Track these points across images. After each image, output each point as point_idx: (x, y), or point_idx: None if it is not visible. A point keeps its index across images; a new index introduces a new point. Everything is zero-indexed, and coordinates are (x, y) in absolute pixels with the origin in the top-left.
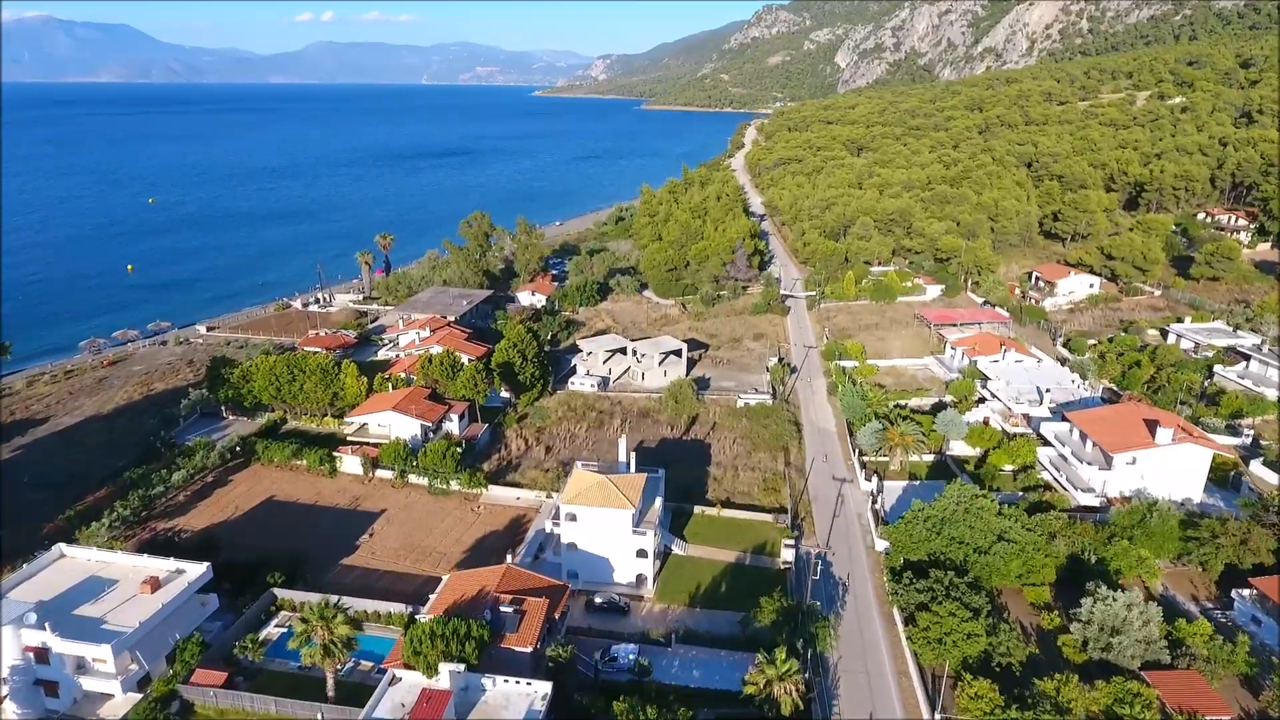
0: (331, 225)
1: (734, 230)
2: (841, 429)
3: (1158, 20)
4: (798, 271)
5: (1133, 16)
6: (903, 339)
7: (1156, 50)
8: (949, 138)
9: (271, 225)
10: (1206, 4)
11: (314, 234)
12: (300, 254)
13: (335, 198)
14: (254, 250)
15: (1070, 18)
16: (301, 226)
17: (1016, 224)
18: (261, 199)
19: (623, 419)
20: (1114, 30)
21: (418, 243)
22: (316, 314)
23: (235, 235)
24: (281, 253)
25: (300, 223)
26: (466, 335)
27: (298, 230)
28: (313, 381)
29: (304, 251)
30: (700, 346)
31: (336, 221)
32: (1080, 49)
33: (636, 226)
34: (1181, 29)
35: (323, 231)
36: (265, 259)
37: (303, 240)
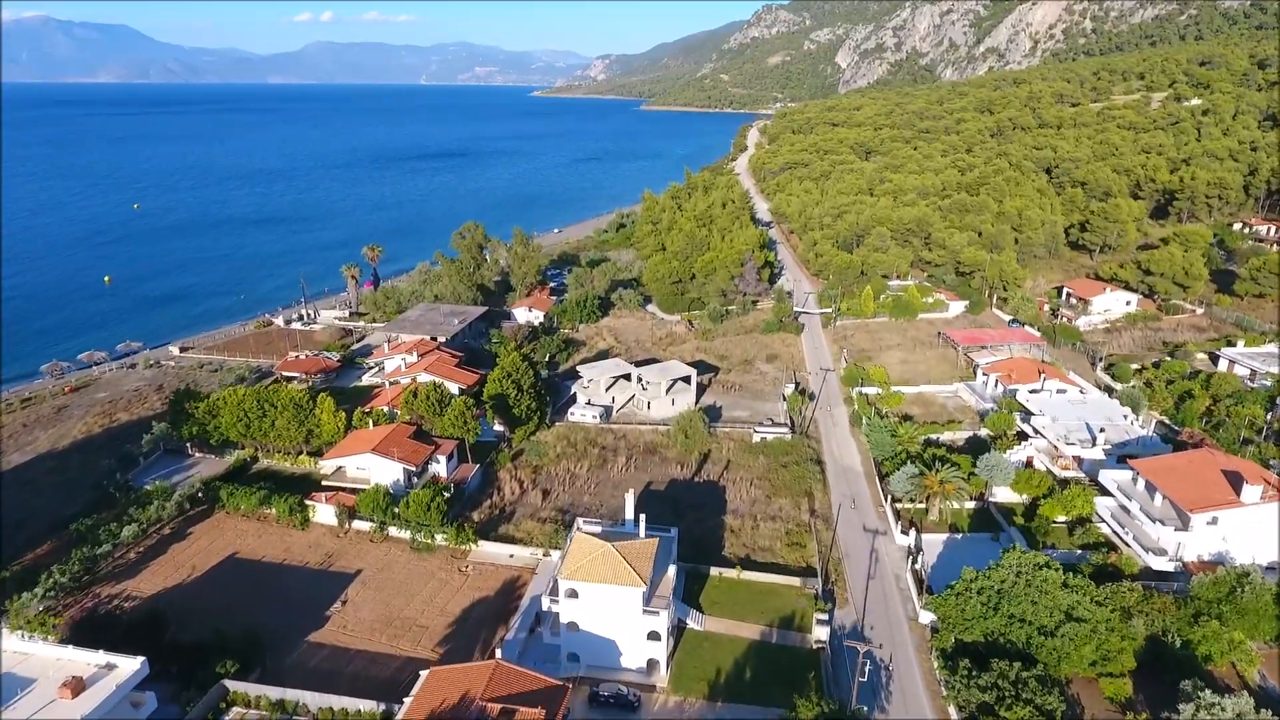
0: (323, 232)
1: (742, 241)
2: (869, 468)
3: (1163, 20)
4: (809, 284)
5: (1137, 16)
6: (928, 362)
7: (1167, 50)
8: (961, 141)
9: (262, 231)
10: (1212, 4)
11: (305, 241)
12: (289, 264)
13: (329, 202)
14: (242, 259)
15: (1074, 17)
16: (292, 233)
17: (1042, 235)
18: (254, 203)
19: (628, 456)
20: (1118, 30)
21: (413, 249)
22: (298, 332)
23: (223, 242)
24: (269, 262)
25: (291, 229)
26: (457, 360)
27: (288, 237)
28: (285, 418)
29: (293, 261)
30: (709, 370)
31: (328, 228)
32: (1084, 49)
33: (639, 235)
34: (1187, 29)
35: (314, 239)
36: (252, 269)
37: (292, 248)
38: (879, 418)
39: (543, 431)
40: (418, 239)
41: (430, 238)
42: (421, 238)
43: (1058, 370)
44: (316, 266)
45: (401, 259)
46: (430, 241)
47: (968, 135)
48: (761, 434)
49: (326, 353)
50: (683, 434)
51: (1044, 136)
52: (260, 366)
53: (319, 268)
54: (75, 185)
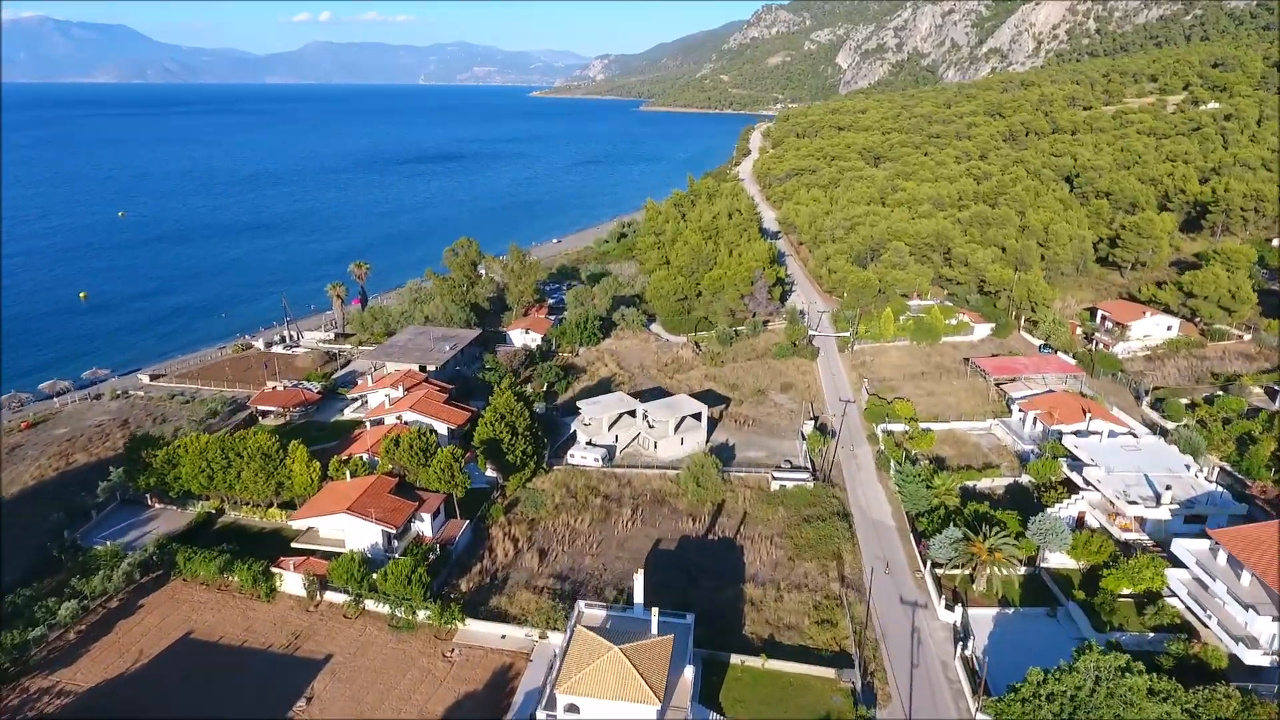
0: (313, 243)
1: (751, 256)
2: (901, 522)
3: (1167, 20)
4: (822, 301)
5: (1141, 17)
6: (956, 393)
7: (1177, 51)
8: (975, 147)
9: (251, 241)
10: (1218, 4)
11: (294, 254)
12: (276, 278)
13: (322, 210)
14: (227, 273)
15: (1077, 18)
16: (282, 244)
17: (1070, 252)
18: (245, 210)
19: (634, 507)
20: (1122, 31)
21: (405, 264)
22: (279, 358)
23: (210, 254)
24: (256, 276)
25: (282, 239)
26: (446, 395)
27: (277, 249)
28: (252, 469)
29: (281, 275)
30: (719, 400)
31: (319, 238)
32: (1088, 50)
33: (641, 246)
34: (1193, 29)
35: (303, 250)
36: (237, 284)
37: (281, 261)
38: (909, 463)
39: (540, 477)
40: (411, 250)
41: (424, 248)
42: (415, 248)
43: (1102, 408)
44: (303, 281)
45: (393, 272)
46: (424, 253)
47: (981, 141)
48: (780, 480)
49: (306, 383)
50: (694, 482)
51: (1062, 143)
52: (236, 397)
53: (305, 283)
54: (61, 191)
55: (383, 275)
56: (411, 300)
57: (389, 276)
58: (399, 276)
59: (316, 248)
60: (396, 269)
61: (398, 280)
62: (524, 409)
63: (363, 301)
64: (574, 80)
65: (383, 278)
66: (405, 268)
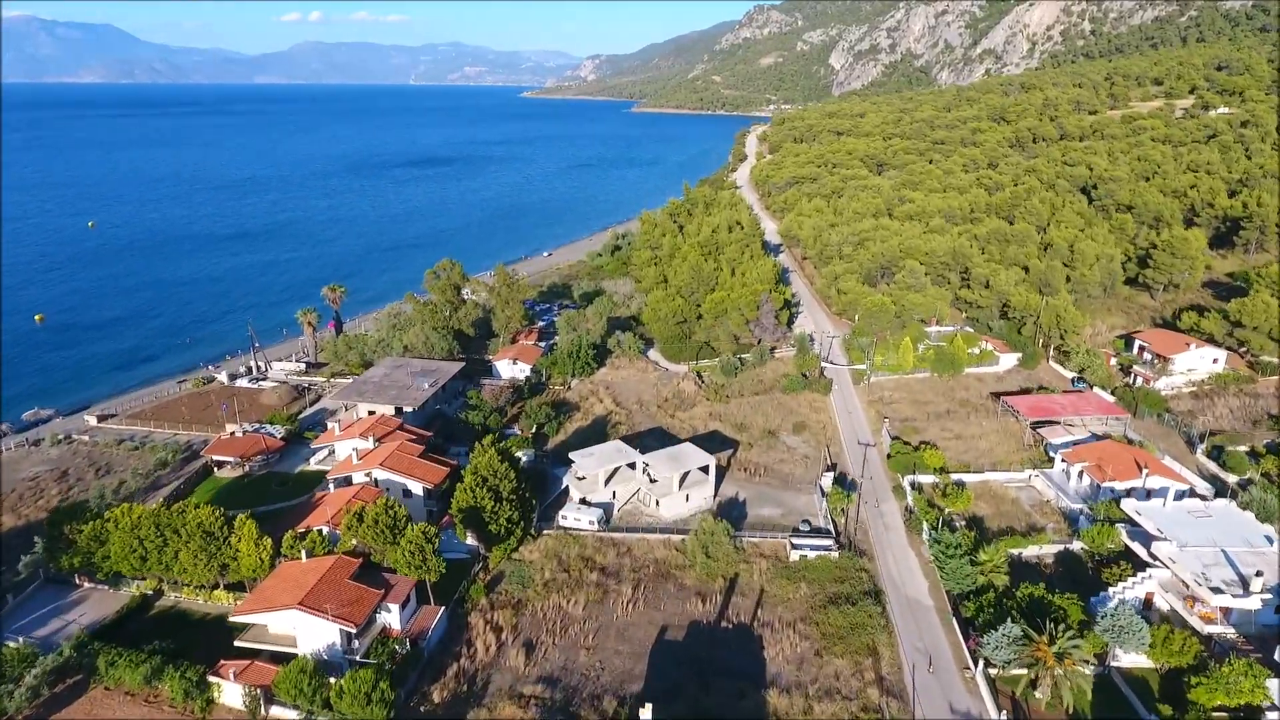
0: (293, 255)
1: (756, 276)
2: (940, 600)
3: (1163, 22)
4: (832, 325)
5: (1136, 18)
6: (986, 436)
7: (1179, 53)
8: (982, 155)
9: (227, 253)
10: (1213, 5)
11: (271, 267)
12: (250, 296)
13: (304, 218)
14: (198, 290)
15: (1071, 19)
16: (260, 258)
17: (1098, 272)
18: (223, 219)
19: (635, 582)
20: (1117, 32)
21: (388, 277)
22: (243, 393)
23: (181, 268)
24: (229, 294)
25: (261, 251)
26: (423, 447)
27: (254, 261)
28: (191, 549)
29: (255, 293)
30: (726, 445)
31: (300, 250)
32: (1083, 51)
33: (636, 262)
34: (1188, 30)
35: (282, 264)
36: (208, 302)
37: (257, 276)
38: (946, 529)
39: (528, 544)
40: (395, 264)
41: (409, 263)
42: (399, 262)
43: (1155, 459)
44: (278, 301)
45: (375, 291)
46: (408, 268)
47: (989, 148)
48: (800, 548)
49: (269, 427)
50: (703, 553)
51: (1074, 151)
52: (191, 442)
53: (280, 303)
54: (32, 198)
55: (363, 294)
56: (390, 326)
57: (370, 295)
58: (381, 294)
59: (295, 262)
60: (379, 287)
61: (381, 298)
62: (509, 470)
63: (337, 327)
64: (565, 80)
65: (363, 297)
66: (388, 286)
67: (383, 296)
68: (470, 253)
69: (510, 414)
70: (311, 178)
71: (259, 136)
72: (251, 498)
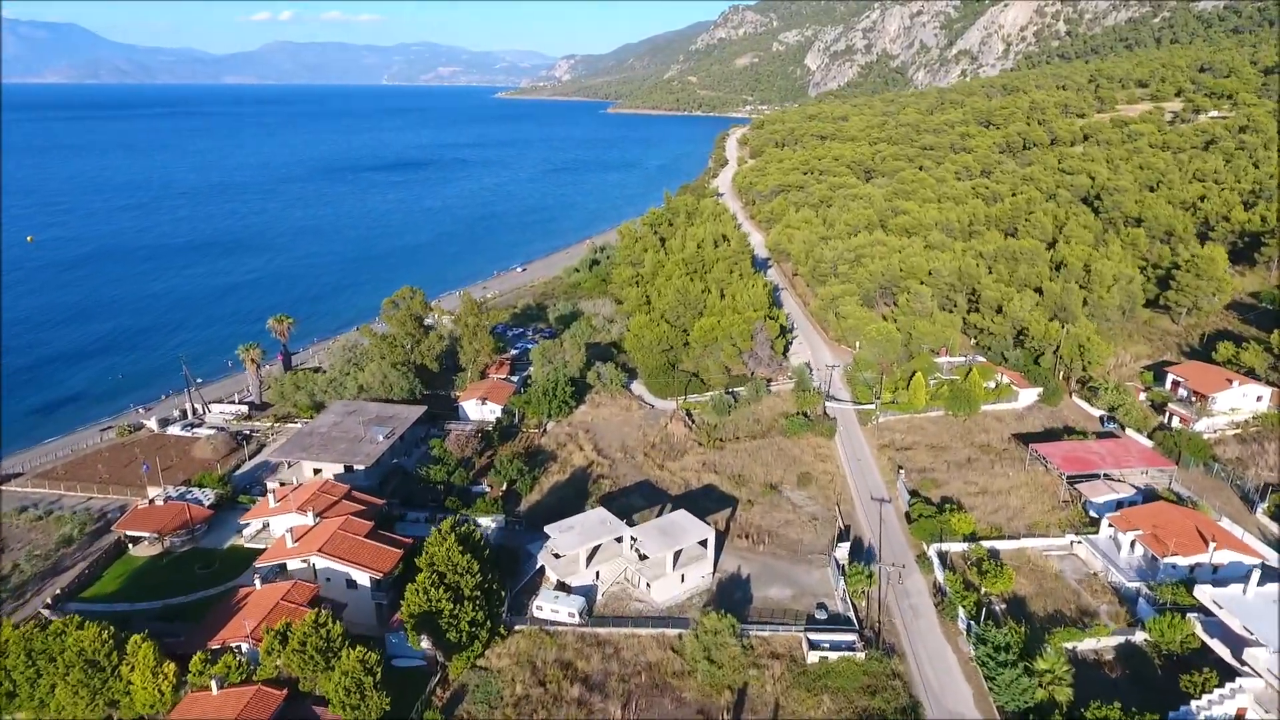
0: (251, 270)
1: (748, 299)
2: (989, 711)
3: (1136, 23)
4: (829, 351)
5: (1110, 19)
6: (1016, 489)
7: (1161, 54)
8: (975, 162)
9: (177, 268)
10: (1186, 6)
11: (222, 285)
12: (197, 322)
13: (265, 228)
14: (141, 311)
15: (1045, 20)
16: (212, 274)
17: (1117, 295)
18: (177, 229)
19: (624, 696)
20: (1092, 33)
21: (348, 299)
22: (175, 443)
23: (124, 287)
24: (173, 315)
25: (212, 266)
26: (372, 525)
27: (206, 279)
28: (71, 683)
29: (204, 317)
30: (723, 502)
31: (258, 263)
32: (1058, 52)
33: (617, 280)
34: (1162, 31)
35: (231, 282)
36: (148, 327)
37: (207, 296)
38: (990, 624)
39: (495, 647)
40: (356, 282)
41: (371, 281)
42: (361, 280)
43: (1219, 527)
44: (228, 325)
45: (332, 314)
46: (371, 284)
47: (981, 155)
48: (819, 646)
49: (198, 491)
50: (705, 658)
51: (1072, 158)
52: (107, 510)
53: (229, 327)
54: None
55: (321, 318)
56: (345, 360)
57: (330, 317)
58: (341, 314)
59: (251, 280)
60: (338, 308)
61: (342, 318)
62: (471, 562)
63: (286, 362)
64: (540, 81)
65: (320, 323)
66: (348, 307)
67: (343, 316)
68: (439, 268)
69: (478, 465)
70: (275, 184)
71: (223, 140)
72: (167, 583)
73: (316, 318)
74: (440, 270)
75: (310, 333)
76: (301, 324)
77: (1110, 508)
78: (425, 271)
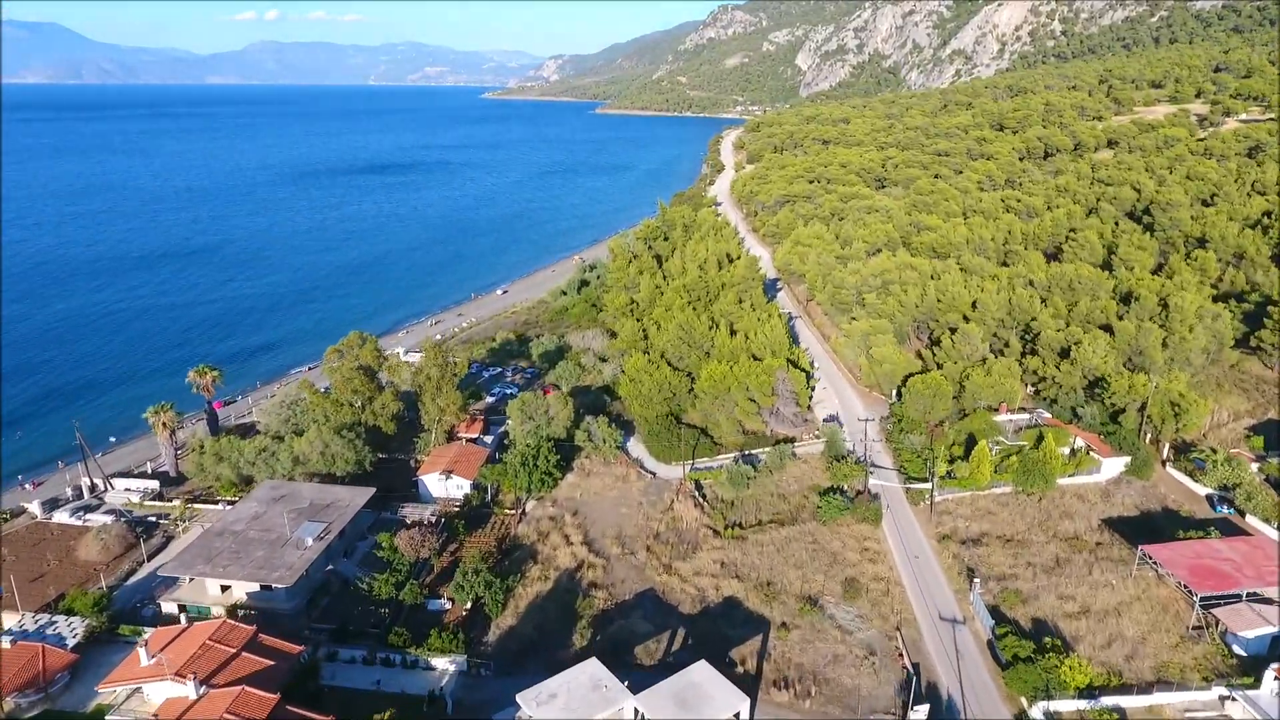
0: (203, 290)
1: (765, 342)
2: None
3: (1134, 22)
4: (858, 397)
5: (1106, 18)
6: (1126, 606)
7: (1170, 54)
8: (999, 170)
9: (120, 291)
10: (1184, 5)
11: (169, 315)
12: (132, 356)
13: (225, 241)
14: (66, 346)
15: (1040, 19)
16: (158, 297)
17: (1202, 335)
18: (129, 243)
19: None
20: (1088, 33)
21: (299, 324)
22: (59, 535)
23: (50, 315)
24: (101, 349)
25: (165, 285)
26: (277, 699)
27: (151, 305)
28: None
29: (138, 351)
30: (751, 626)
31: (212, 283)
32: (1054, 52)
33: (610, 307)
34: (1160, 31)
35: (183, 307)
36: (69, 367)
37: (147, 330)
38: None
39: None
40: (317, 303)
41: (335, 302)
42: (324, 301)
43: None
44: (163, 362)
45: (280, 353)
46: (333, 310)
47: (1005, 163)
48: None
49: (64, 621)
50: None
51: (1109, 167)
52: None
53: (164, 366)
54: None
55: (268, 354)
56: (282, 421)
57: (276, 349)
58: (289, 353)
59: (199, 306)
60: (287, 342)
61: (289, 358)
62: None
63: (211, 424)
64: (528, 81)
65: (265, 361)
66: (299, 343)
67: (292, 353)
68: (411, 288)
69: (438, 567)
70: (244, 189)
71: (197, 142)
72: None
73: (262, 356)
74: (412, 291)
75: (252, 374)
76: (244, 363)
77: (1263, 646)
78: (395, 292)
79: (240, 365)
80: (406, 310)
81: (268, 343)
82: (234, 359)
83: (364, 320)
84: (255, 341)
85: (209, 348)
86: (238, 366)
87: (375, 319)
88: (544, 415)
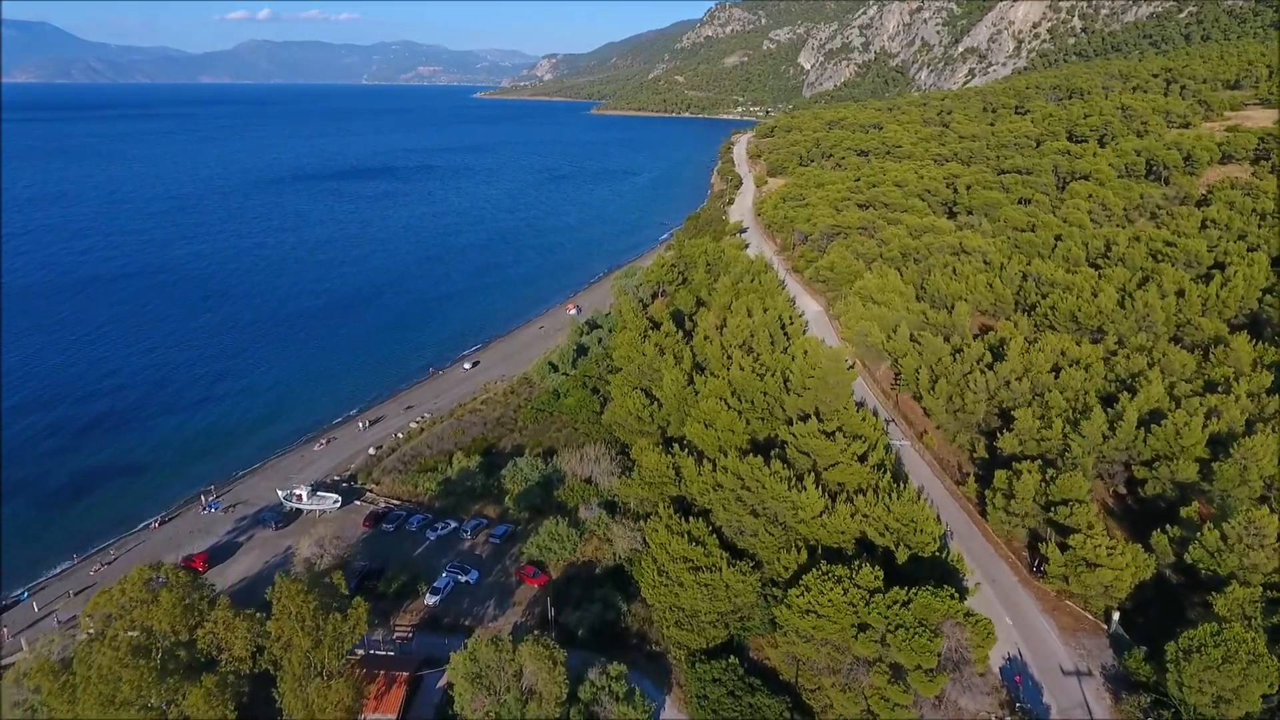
0: (97, 348)
1: (898, 521)
2: None
3: (1160, 18)
4: (1042, 611)
5: (1130, 14)
6: None
7: (1234, 48)
8: (1114, 196)
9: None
10: (1215, 2)
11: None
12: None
13: (163, 263)
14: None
15: (1060, 15)
16: (48, 357)
17: None
18: (58, 266)
19: None
20: (1110, 30)
21: (200, 419)
22: None
23: None
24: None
25: (65, 330)
26: None
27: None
28: None
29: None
30: None
31: (120, 335)
32: (1075, 50)
33: (619, 407)
34: (1190, 28)
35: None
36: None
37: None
38: None
39: None
40: (172, 420)
41: (214, 407)
42: (188, 412)
43: None
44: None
45: (102, 505)
46: (194, 432)
47: (1118, 188)
48: None
49: None
50: None
51: (1269, 196)
52: None
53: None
54: None
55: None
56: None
57: (92, 511)
58: (112, 507)
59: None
60: (126, 474)
61: (105, 518)
62: None
63: None
64: (521, 80)
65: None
66: (136, 472)
67: (123, 498)
68: (343, 370)
69: None
70: (211, 197)
71: (174, 145)
72: None
73: (69, 513)
74: (346, 371)
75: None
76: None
77: None
78: (316, 377)
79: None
80: (329, 405)
81: (85, 485)
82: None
83: (247, 434)
84: (58, 481)
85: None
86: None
87: (271, 428)
88: (514, 682)
